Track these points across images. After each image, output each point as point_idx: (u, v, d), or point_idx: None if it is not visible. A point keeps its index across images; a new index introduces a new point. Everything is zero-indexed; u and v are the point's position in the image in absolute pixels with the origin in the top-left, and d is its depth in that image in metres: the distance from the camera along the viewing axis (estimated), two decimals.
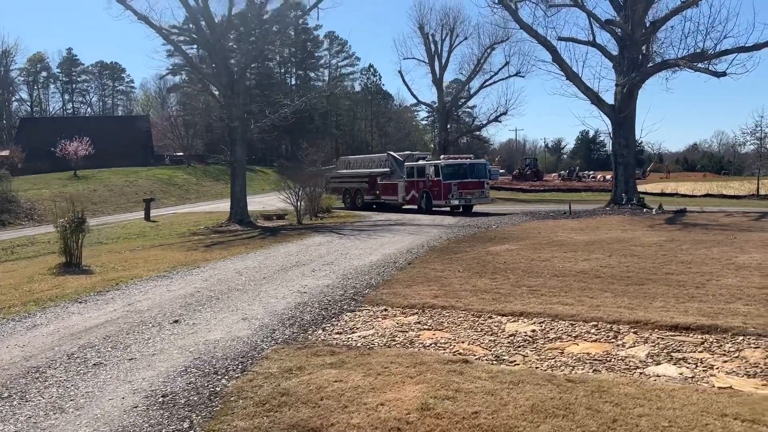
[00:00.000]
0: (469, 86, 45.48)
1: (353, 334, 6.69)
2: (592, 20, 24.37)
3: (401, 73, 50.58)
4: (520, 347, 6.01)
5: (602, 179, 52.08)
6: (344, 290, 8.98)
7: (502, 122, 42.54)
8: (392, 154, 27.76)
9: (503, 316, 7.13)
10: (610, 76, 25.25)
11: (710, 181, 50.24)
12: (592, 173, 61.46)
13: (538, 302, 7.67)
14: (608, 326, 6.53)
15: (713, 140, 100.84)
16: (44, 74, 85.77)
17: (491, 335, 6.44)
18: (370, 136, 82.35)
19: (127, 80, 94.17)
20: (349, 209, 28.54)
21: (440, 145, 42.17)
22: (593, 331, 6.42)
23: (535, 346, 6.04)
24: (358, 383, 4.92)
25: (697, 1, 22.01)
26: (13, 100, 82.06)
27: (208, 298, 8.76)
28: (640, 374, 5.18)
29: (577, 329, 6.50)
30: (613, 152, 26.71)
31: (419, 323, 7.00)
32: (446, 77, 45.66)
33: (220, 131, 46.90)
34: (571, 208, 22.89)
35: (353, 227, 19.59)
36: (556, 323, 6.73)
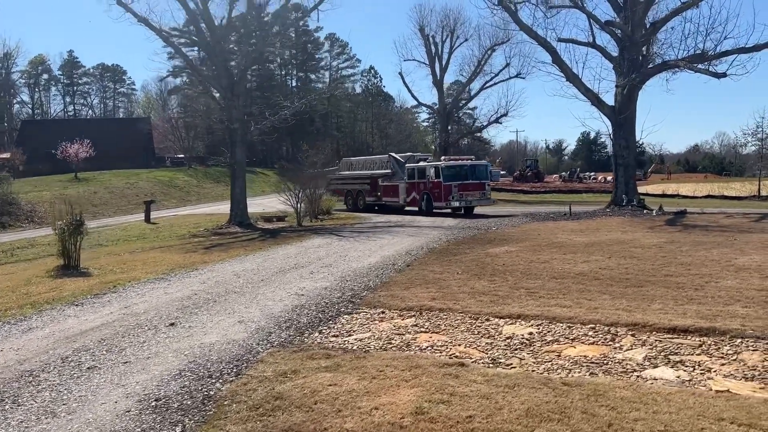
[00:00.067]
0: (469, 88, 45.56)
1: (350, 337, 6.66)
2: (591, 21, 24.35)
3: (402, 74, 50.19)
4: (516, 350, 5.98)
5: (603, 180, 52.03)
6: (342, 293, 8.94)
7: (502, 124, 42.67)
8: (394, 155, 27.62)
9: (501, 318, 7.09)
10: (610, 77, 25.21)
11: (711, 182, 50.05)
12: (593, 174, 61.36)
13: (536, 304, 7.63)
14: (606, 329, 6.49)
15: (714, 141, 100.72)
16: (45, 76, 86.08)
17: (488, 338, 6.41)
18: (370, 137, 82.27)
19: (128, 82, 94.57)
20: (350, 211, 28.48)
21: (441, 146, 42.16)
22: (591, 333, 6.39)
23: (531, 348, 6.01)
24: (352, 387, 4.89)
25: (697, 2, 21.98)
26: (14, 102, 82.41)
27: (205, 300, 8.74)
28: (636, 377, 5.15)
29: (574, 332, 6.46)
30: (613, 153, 26.64)
31: (416, 326, 6.97)
32: (447, 79, 45.73)
33: (220, 133, 46.95)
34: (571, 209, 22.81)
35: (353, 229, 19.56)
36: (553, 326, 6.70)
